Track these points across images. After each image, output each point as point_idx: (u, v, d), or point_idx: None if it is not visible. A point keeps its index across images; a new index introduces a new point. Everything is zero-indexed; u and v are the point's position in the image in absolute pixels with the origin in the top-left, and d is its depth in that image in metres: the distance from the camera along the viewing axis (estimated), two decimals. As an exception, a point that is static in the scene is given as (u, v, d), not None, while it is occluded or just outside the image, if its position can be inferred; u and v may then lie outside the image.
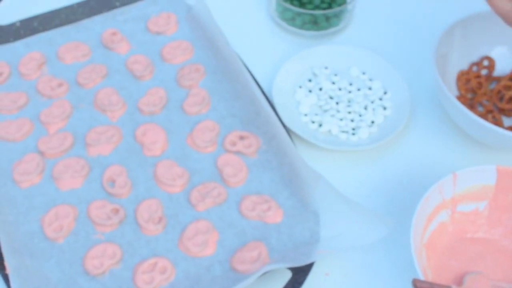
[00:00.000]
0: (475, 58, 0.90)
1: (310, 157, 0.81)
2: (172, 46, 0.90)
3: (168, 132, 0.80)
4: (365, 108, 0.85)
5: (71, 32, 0.92)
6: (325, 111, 0.85)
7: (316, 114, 0.85)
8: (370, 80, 0.89)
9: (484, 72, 0.89)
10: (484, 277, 0.67)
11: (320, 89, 0.87)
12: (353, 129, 0.83)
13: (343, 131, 0.83)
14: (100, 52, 0.90)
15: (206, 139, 0.79)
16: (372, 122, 0.84)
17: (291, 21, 0.95)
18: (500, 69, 0.89)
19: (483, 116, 0.84)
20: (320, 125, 0.83)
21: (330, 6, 0.94)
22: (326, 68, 0.90)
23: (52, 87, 0.85)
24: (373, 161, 0.81)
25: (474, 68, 0.89)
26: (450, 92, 0.78)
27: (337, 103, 0.86)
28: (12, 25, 0.93)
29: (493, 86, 0.89)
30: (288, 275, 0.68)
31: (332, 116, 0.84)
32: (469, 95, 0.87)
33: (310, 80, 0.88)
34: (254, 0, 1.02)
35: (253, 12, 1.00)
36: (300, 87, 0.88)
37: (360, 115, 0.85)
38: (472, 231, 0.72)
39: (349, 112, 0.85)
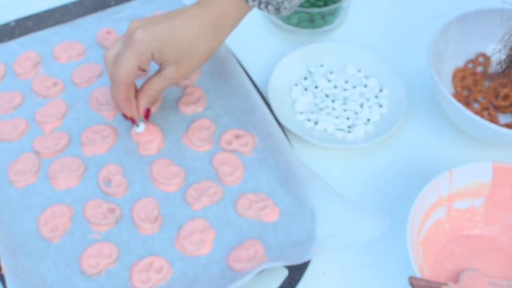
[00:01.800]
0: (470, 55, 0.90)
1: (306, 155, 0.81)
2: (168, 44, 0.90)
3: (164, 131, 0.80)
4: (361, 105, 0.85)
5: (66, 31, 0.92)
6: (321, 109, 0.85)
7: (312, 112, 0.85)
8: (366, 77, 0.89)
9: (479, 69, 0.89)
10: (480, 274, 0.68)
11: (316, 87, 0.87)
12: (349, 127, 0.83)
13: (339, 129, 0.83)
14: (96, 51, 0.90)
15: (202, 138, 0.79)
16: (368, 120, 0.84)
17: (286, 19, 0.95)
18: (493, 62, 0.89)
19: (479, 113, 0.84)
20: (316, 123, 0.83)
21: (325, 4, 0.94)
22: (321, 66, 0.90)
23: (47, 87, 0.85)
24: (369, 159, 0.81)
25: (470, 65, 0.89)
26: (446, 89, 0.78)
27: (333, 101, 0.86)
28: (6, 25, 0.92)
29: (488, 83, 0.89)
30: (285, 273, 0.68)
31: (328, 114, 0.84)
32: (464, 92, 0.87)
33: (305, 78, 0.88)
34: (250, -2, 1.01)
35: (248, 10, 1.00)
36: (296, 85, 0.88)
37: (356, 113, 0.85)
38: (469, 228, 0.72)
39: (345, 110, 0.85)
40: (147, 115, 0.77)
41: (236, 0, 0.71)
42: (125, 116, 0.76)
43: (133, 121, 0.77)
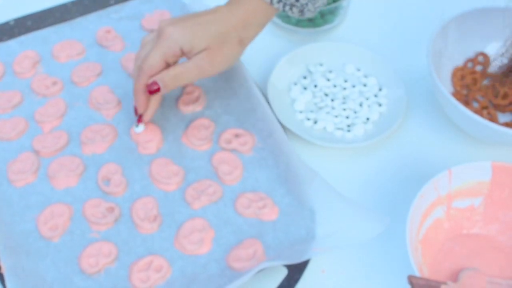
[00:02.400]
0: (470, 54, 0.90)
1: (305, 154, 0.81)
2: (167, 44, 0.90)
3: (163, 130, 0.80)
4: (360, 105, 0.85)
5: (65, 30, 0.92)
6: (320, 108, 0.85)
7: (311, 111, 0.85)
8: (365, 76, 0.89)
9: (479, 68, 0.89)
10: (479, 273, 0.68)
11: (315, 86, 0.87)
12: (348, 126, 0.83)
13: (338, 128, 0.83)
14: (95, 50, 0.90)
15: (201, 137, 0.79)
16: (367, 119, 0.84)
17: (286, 18, 0.95)
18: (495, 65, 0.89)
19: (478, 112, 0.84)
20: (315, 122, 0.83)
21: (325, 3, 0.94)
22: (321, 65, 0.90)
23: (46, 86, 0.85)
24: (368, 158, 0.81)
25: (469, 64, 0.89)
26: (445, 88, 0.78)
27: (332, 100, 0.86)
28: (6, 24, 0.93)
29: (488, 82, 0.89)
30: (284, 272, 0.68)
31: (327, 113, 0.84)
32: (464, 91, 0.87)
33: (305, 77, 0.88)
34: (249, -3, 1.01)
35: (248, 9, 1.00)
36: (295, 84, 0.88)
37: (355, 112, 0.85)
38: (468, 227, 0.72)
39: (344, 109, 0.85)
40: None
41: (262, 2, 0.73)
42: (136, 111, 0.76)
43: (139, 120, 0.77)
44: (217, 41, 0.72)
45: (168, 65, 0.73)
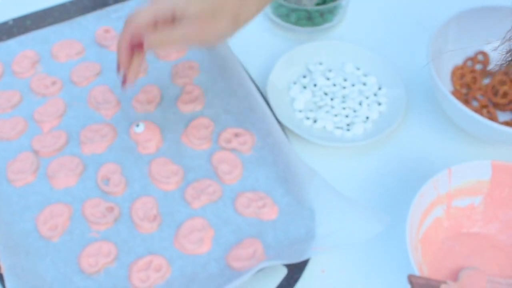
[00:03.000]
0: (469, 53, 0.90)
1: (304, 154, 0.81)
2: (166, 43, 0.90)
3: (163, 130, 0.80)
4: (360, 104, 0.85)
5: (64, 30, 0.92)
6: (320, 107, 0.85)
7: (311, 110, 0.85)
8: (365, 75, 0.89)
9: (478, 67, 0.89)
10: (479, 272, 0.68)
11: (315, 85, 0.87)
12: (348, 125, 0.83)
13: (337, 127, 0.83)
14: (94, 49, 0.90)
15: (201, 136, 0.79)
16: (367, 118, 0.84)
17: (285, 17, 0.95)
18: (495, 64, 0.89)
19: (478, 111, 0.84)
20: (315, 121, 0.83)
21: (324, 2, 0.94)
22: (320, 64, 0.90)
23: (46, 85, 0.85)
24: (368, 157, 0.81)
25: (469, 63, 0.89)
26: (445, 87, 0.77)
27: (331, 99, 0.86)
28: (5, 24, 0.92)
29: (487, 80, 0.89)
30: (284, 271, 0.68)
31: (327, 112, 0.84)
32: (464, 90, 0.87)
33: (304, 76, 0.88)
34: (248, -3, 1.01)
35: (247, 8, 1.00)
36: (295, 83, 0.88)
37: (354, 111, 0.85)
38: (468, 226, 0.72)
39: (344, 108, 0.85)
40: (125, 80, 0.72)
41: None
42: (118, 68, 0.71)
43: (124, 81, 0.72)
44: (210, 13, 0.67)
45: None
